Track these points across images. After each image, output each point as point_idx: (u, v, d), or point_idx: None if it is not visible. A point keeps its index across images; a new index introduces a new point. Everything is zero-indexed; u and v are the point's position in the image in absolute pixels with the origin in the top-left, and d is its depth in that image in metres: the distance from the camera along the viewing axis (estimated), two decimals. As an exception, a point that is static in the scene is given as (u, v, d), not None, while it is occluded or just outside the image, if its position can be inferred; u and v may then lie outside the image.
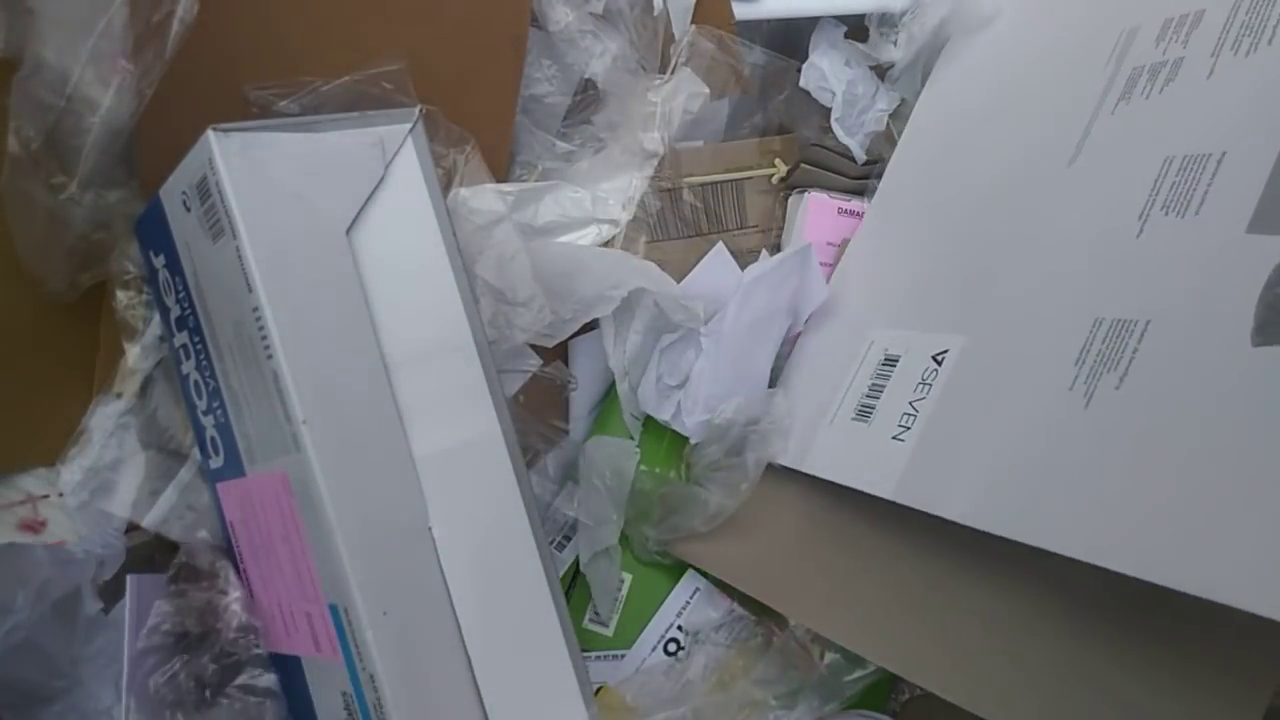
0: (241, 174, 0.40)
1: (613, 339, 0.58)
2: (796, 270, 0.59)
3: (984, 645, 0.46)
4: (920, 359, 0.52)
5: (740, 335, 0.58)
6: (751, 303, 0.58)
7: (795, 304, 0.60)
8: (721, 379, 0.57)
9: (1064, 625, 0.45)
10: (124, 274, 0.49)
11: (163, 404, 0.50)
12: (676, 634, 0.58)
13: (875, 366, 0.54)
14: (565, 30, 0.59)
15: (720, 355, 0.57)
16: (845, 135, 0.65)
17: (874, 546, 0.52)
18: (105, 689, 0.50)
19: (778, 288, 0.59)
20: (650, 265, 0.57)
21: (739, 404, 0.57)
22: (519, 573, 0.44)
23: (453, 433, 0.43)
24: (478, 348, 0.45)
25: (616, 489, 0.57)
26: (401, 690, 0.40)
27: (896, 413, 0.51)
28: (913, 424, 0.50)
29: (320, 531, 0.40)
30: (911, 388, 0.51)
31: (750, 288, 0.58)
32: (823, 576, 0.53)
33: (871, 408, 0.53)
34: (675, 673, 0.56)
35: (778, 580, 0.54)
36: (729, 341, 0.57)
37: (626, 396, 0.58)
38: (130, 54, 0.44)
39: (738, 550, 0.55)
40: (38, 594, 0.47)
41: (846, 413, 0.54)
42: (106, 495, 0.49)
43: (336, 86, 0.50)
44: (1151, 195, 0.45)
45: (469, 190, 0.53)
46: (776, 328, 0.59)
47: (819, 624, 0.51)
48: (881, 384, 0.53)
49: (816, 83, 0.65)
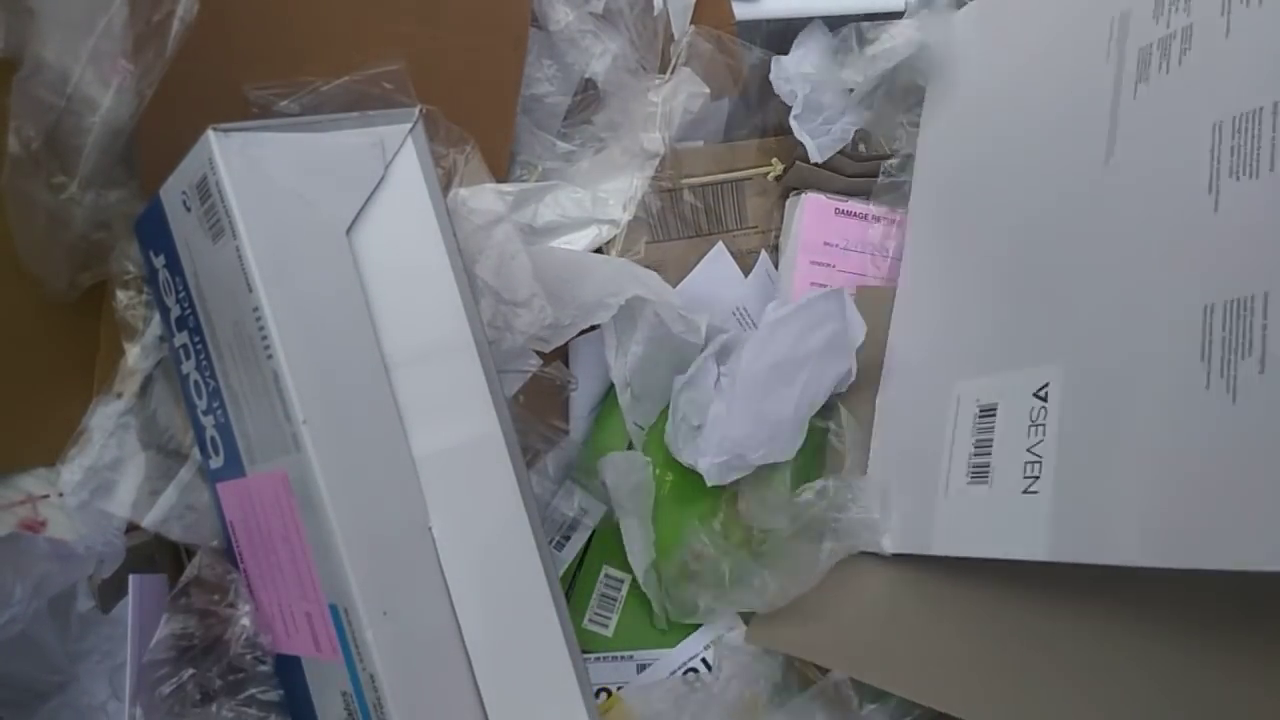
0: (241, 174, 0.40)
1: (614, 350, 0.58)
2: (830, 314, 0.56)
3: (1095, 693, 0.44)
4: (1021, 401, 0.48)
5: (760, 376, 0.55)
6: (773, 345, 0.56)
7: (834, 344, 0.56)
8: (738, 422, 0.55)
9: (1172, 662, 0.43)
10: (124, 274, 0.49)
11: (163, 404, 0.50)
12: (699, 665, 0.57)
13: (973, 421, 0.50)
14: (565, 30, 0.59)
15: (737, 397, 0.55)
16: (802, 134, 0.63)
17: (961, 607, 0.49)
18: (99, 685, 0.51)
19: (806, 331, 0.56)
20: (651, 274, 0.57)
21: (821, 487, 0.53)
22: (519, 573, 0.44)
23: (453, 433, 0.43)
24: (478, 348, 0.45)
25: (640, 507, 0.56)
26: (401, 690, 0.40)
27: (1018, 464, 0.47)
28: (1040, 471, 0.46)
29: (320, 531, 0.40)
30: (1024, 433, 0.47)
31: (773, 328, 0.56)
32: (908, 641, 0.50)
33: (986, 466, 0.49)
34: (693, 697, 0.54)
35: (858, 650, 0.51)
36: (746, 383, 0.55)
37: (628, 407, 0.58)
38: (130, 54, 0.44)
39: (804, 623, 0.52)
40: (35, 588, 0.48)
41: (959, 478, 0.50)
42: (106, 495, 0.49)
43: (336, 86, 0.50)
44: (1214, 165, 0.42)
45: (469, 190, 0.53)
46: (807, 371, 0.55)
47: (915, 693, 0.48)
48: (988, 438, 0.49)
49: (782, 78, 0.64)
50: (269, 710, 0.46)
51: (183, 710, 0.45)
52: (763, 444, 0.55)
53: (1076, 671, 0.46)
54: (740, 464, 0.55)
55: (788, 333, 0.56)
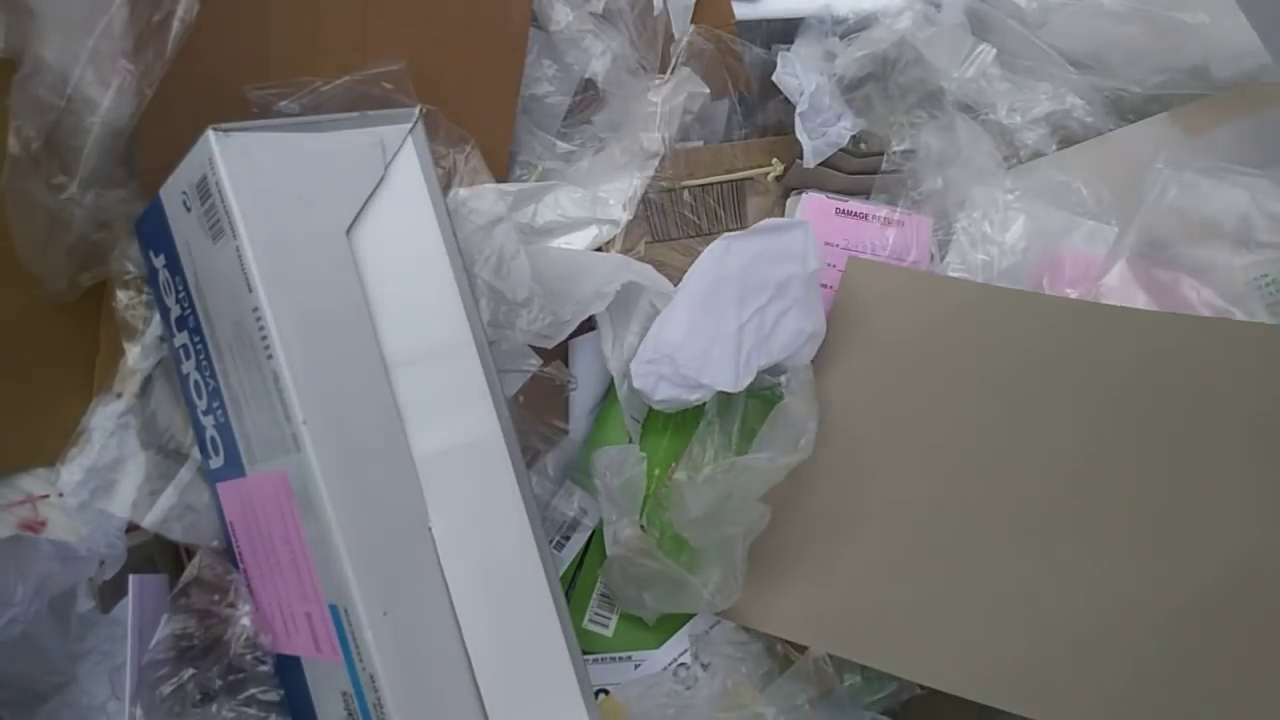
0: (241, 174, 0.40)
1: (610, 341, 0.58)
2: (792, 249, 0.55)
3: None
4: None
5: (703, 286, 0.53)
6: (725, 261, 0.54)
7: (799, 293, 0.55)
8: (672, 325, 0.53)
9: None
10: (124, 274, 0.49)
11: (163, 404, 0.50)
12: (687, 659, 0.57)
13: None
14: (565, 30, 0.59)
15: (676, 305, 0.54)
16: (802, 134, 0.63)
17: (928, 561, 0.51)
18: (99, 685, 0.51)
19: (762, 260, 0.54)
20: (647, 267, 0.57)
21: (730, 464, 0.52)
22: (519, 572, 0.44)
23: (453, 433, 0.43)
24: (478, 348, 0.45)
25: (628, 500, 0.56)
26: (401, 690, 0.40)
27: None
28: None
29: (320, 531, 0.40)
30: None
31: (726, 245, 0.54)
32: (871, 611, 0.52)
33: None
34: (682, 693, 0.55)
35: (836, 624, 0.53)
36: (687, 292, 0.54)
37: (626, 399, 0.58)
38: (130, 54, 0.44)
39: (780, 597, 0.53)
40: (36, 588, 0.48)
41: None
42: (106, 495, 0.49)
43: (336, 86, 0.50)
44: None
45: (469, 190, 0.53)
46: (759, 301, 0.54)
47: (900, 668, 0.51)
48: None
49: (789, 73, 0.64)
50: (269, 710, 0.46)
51: (183, 710, 0.45)
52: (696, 358, 0.53)
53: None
54: (671, 374, 0.53)
55: (742, 252, 0.54)
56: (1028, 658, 0.48)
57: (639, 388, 0.54)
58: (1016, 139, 0.64)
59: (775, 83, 0.64)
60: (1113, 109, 0.65)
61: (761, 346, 0.54)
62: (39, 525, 0.49)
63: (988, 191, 0.62)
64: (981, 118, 0.65)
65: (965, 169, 0.63)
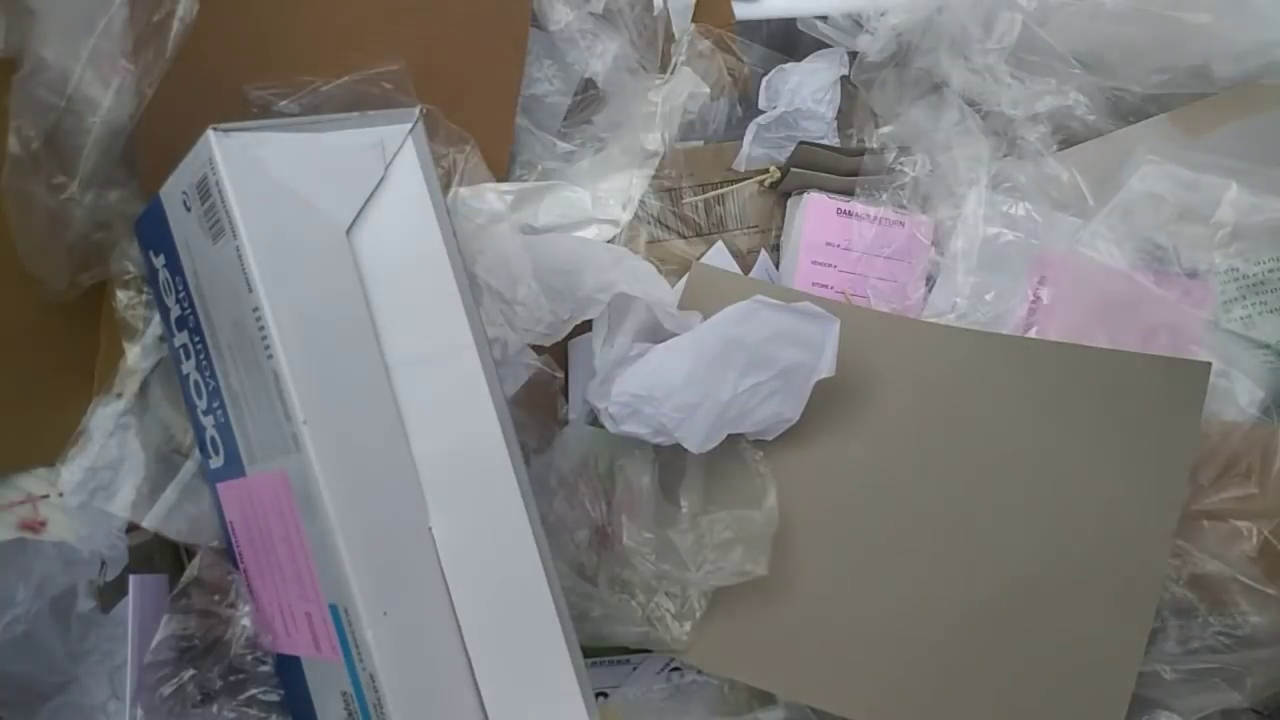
0: (241, 174, 0.40)
1: (601, 340, 0.57)
2: (812, 342, 0.52)
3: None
4: None
5: (716, 342, 0.51)
6: (747, 324, 0.52)
7: (794, 379, 0.53)
8: (673, 368, 0.51)
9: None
10: (124, 274, 0.49)
11: (163, 404, 0.50)
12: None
13: None
14: (565, 30, 0.59)
15: (684, 348, 0.52)
16: (749, 140, 0.64)
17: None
18: (100, 686, 0.51)
19: (783, 338, 0.52)
20: (647, 265, 0.57)
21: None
22: (519, 572, 0.44)
23: (453, 433, 0.43)
24: (478, 348, 0.45)
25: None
26: (401, 690, 0.40)
27: None
28: None
29: (320, 531, 0.40)
30: None
31: (756, 310, 0.52)
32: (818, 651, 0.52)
33: None
34: (679, 697, 0.54)
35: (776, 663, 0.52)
36: (700, 341, 0.52)
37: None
38: (130, 54, 0.44)
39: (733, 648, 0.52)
40: (37, 589, 0.48)
41: None
42: (106, 495, 0.49)
43: (336, 86, 0.50)
44: None
45: (469, 190, 0.53)
46: (761, 377, 0.52)
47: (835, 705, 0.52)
48: None
49: (784, 86, 0.65)
50: (269, 710, 0.46)
51: (183, 710, 0.45)
52: (680, 411, 0.51)
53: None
54: (650, 416, 0.51)
55: (767, 323, 0.52)
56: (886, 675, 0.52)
57: (610, 412, 0.52)
58: (1017, 135, 0.64)
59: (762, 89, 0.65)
60: (1113, 109, 0.65)
61: (741, 419, 0.53)
62: (39, 525, 0.49)
63: (976, 191, 0.62)
64: (984, 111, 0.64)
65: (951, 155, 0.63)
